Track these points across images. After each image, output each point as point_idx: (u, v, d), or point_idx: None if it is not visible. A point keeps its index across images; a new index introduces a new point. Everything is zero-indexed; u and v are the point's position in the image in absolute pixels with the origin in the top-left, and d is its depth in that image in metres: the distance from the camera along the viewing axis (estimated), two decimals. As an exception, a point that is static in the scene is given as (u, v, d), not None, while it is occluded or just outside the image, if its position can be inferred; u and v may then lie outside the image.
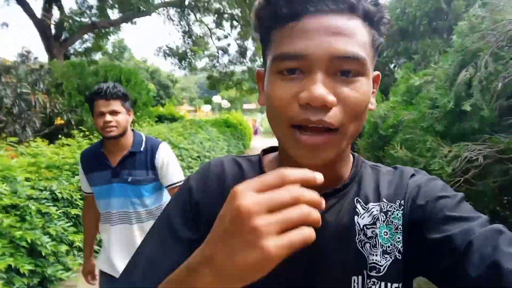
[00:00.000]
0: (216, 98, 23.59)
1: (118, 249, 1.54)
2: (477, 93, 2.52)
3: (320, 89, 0.40)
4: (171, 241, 0.50)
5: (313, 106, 0.41)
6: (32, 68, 5.07)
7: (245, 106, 38.16)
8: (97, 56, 12.07)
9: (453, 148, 2.52)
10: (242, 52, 12.22)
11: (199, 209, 0.52)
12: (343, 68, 0.42)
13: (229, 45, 12.67)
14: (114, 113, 1.46)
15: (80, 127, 5.15)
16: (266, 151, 0.59)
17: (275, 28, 0.45)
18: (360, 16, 0.43)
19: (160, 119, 10.20)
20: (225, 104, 24.22)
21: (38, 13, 8.08)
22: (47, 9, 8.09)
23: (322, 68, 0.41)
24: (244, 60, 12.47)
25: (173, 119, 11.38)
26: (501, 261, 0.35)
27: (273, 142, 0.53)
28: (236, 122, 12.99)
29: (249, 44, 11.96)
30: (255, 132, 22.89)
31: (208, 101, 23.39)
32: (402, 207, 0.48)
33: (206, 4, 10.34)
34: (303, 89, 0.41)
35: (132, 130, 1.60)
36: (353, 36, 0.42)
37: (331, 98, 0.40)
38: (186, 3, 10.33)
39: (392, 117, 3.61)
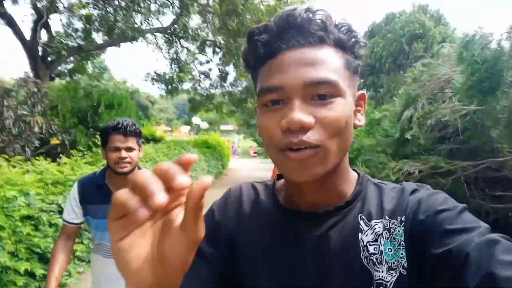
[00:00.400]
0: (195, 120, 24.01)
1: (109, 283, 1.52)
2: (416, 127, 3.34)
3: (297, 114, 0.44)
4: (196, 259, 0.51)
5: (293, 130, 0.44)
6: (32, 91, 5.40)
7: (222, 127, 38.44)
8: (78, 76, 12.02)
9: (398, 163, 3.30)
10: (223, 77, 12.74)
11: (220, 228, 0.58)
12: (318, 93, 0.45)
13: (210, 70, 13.09)
14: (129, 149, 1.47)
15: (74, 147, 5.45)
16: (280, 176, 0.63)
17: (259, 67, 0.51)
18: (331, 45, 0.48)
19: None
20: (204, 125, 24.69)
21: (26, 33, 7.97)
22: (36, 32, 8.07)
23: (298, 96, 0.45)
24: (224, 84, 12.99)
25: (153, 139, 11.62)
26: (496, 270, 0.36)
27: (250, 162, 0.68)
28: (215, 143, 13.42)
29: (230, 69, 12.48)
30: (234, 153, 23.34)
31: (188, 123, 23.72)
32: (403, 223, 0.48)
33: (194, 34, 10.87)
34: (284, 117, 0.45)
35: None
36: (323, 64, 0.46)
37: (307, 119, 0.44)
38: (172, 29, 10.76)
39: (357, 143, 4.42)
